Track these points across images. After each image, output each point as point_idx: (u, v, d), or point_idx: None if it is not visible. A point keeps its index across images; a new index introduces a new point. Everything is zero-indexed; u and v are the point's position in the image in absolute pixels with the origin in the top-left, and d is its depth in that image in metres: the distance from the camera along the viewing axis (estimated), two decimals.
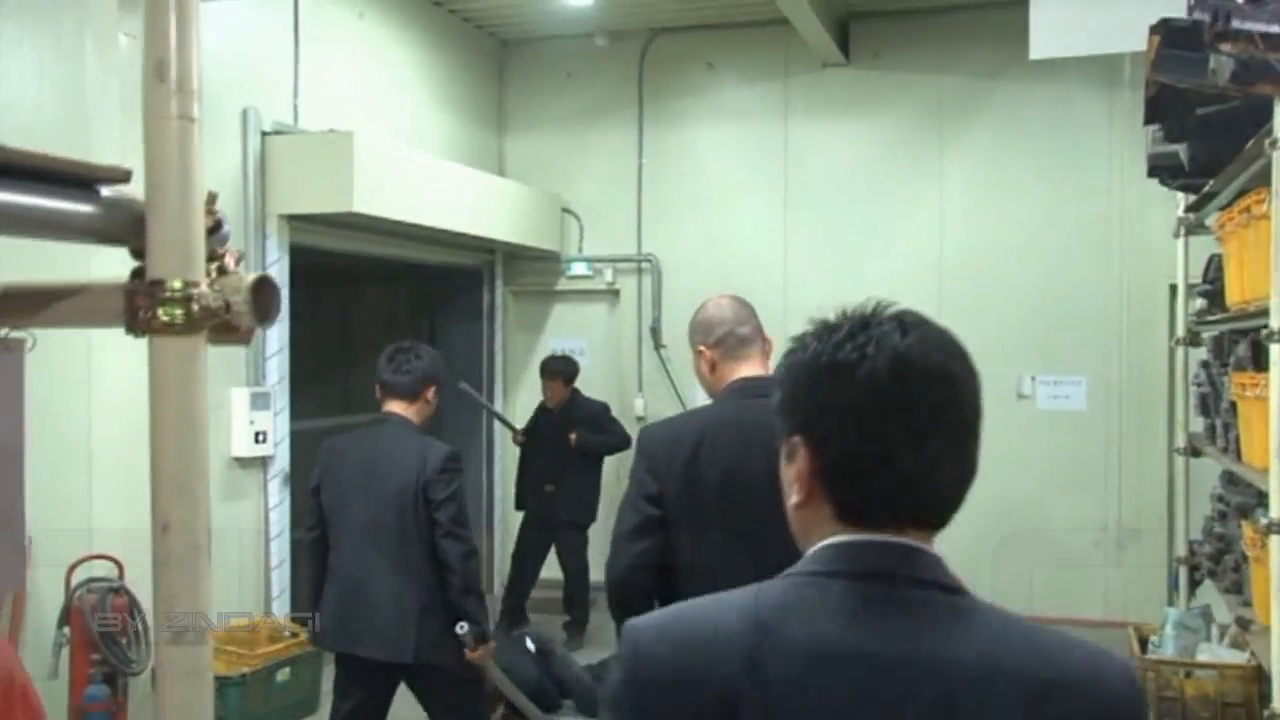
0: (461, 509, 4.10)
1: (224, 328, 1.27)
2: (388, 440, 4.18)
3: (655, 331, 8.60)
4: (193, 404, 1.24)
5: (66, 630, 4.99)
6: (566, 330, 8.94)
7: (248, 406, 5.93)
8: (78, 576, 5.03)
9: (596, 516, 7.51)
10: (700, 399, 4.90)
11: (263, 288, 1.29)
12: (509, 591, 7.62)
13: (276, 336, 6.17)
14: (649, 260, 8.66)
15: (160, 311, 1.23)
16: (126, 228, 1.33)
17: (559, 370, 7.65)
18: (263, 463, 6.16)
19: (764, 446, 2.54)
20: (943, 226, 8.03)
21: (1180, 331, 6.08)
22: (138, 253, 1.31)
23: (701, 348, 3.03)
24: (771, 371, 2.87)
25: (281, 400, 6.22)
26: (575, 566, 7.53)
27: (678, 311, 8.50)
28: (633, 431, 8.04)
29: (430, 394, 4.27)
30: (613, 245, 8.72)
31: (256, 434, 5.97)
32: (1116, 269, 7.61)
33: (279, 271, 6.16)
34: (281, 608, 6.26)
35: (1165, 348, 7.61)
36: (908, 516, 1.17)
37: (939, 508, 1.19)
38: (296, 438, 6.43)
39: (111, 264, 1.52)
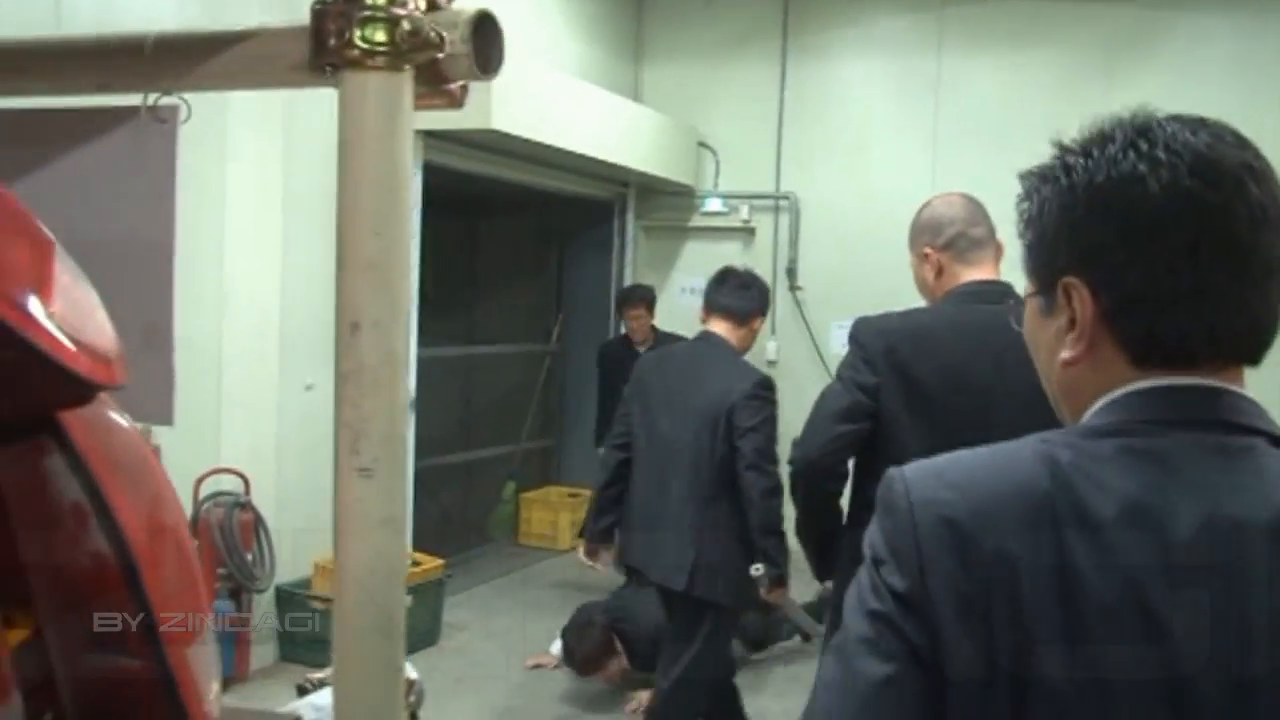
0: (769, 441, 3.71)
1: (433, 73, 0.98)
2: (703, 358, 3.96)
3: (791, 273, 8.27)
4: (394, 166, 0.97)
5: (195, 543, 4.94)
6: (698, 268, 8.61)
7: None
8: (205, 489, 4.97)
9: None
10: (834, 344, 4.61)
11: (485, 28, 1.00)
12: None
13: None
14: (787, 198, 8.32)
15: (358, 35, 0.94)
16: None
17: (642, 296, 6.91)
18: None
19: (992, 352, 2.23)
20: None
21: None
22: None
23: (927, 250, 2.74)
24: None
25: (410, 322, 6.05)
26: None
27: (815, 252, 8.19)
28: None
29: (756, 325, 4.08)
30: (749, 182, 8.39)
31: None
32: None
33: (414, 190, 5.98)
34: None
35: None
36: (1229, 350, 0.98)
37: (1264, 335, 1.00)
38: (423, 365, 6.29)
39: None
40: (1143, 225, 0.97)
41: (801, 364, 8.07)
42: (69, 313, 0.66)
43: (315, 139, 5.43)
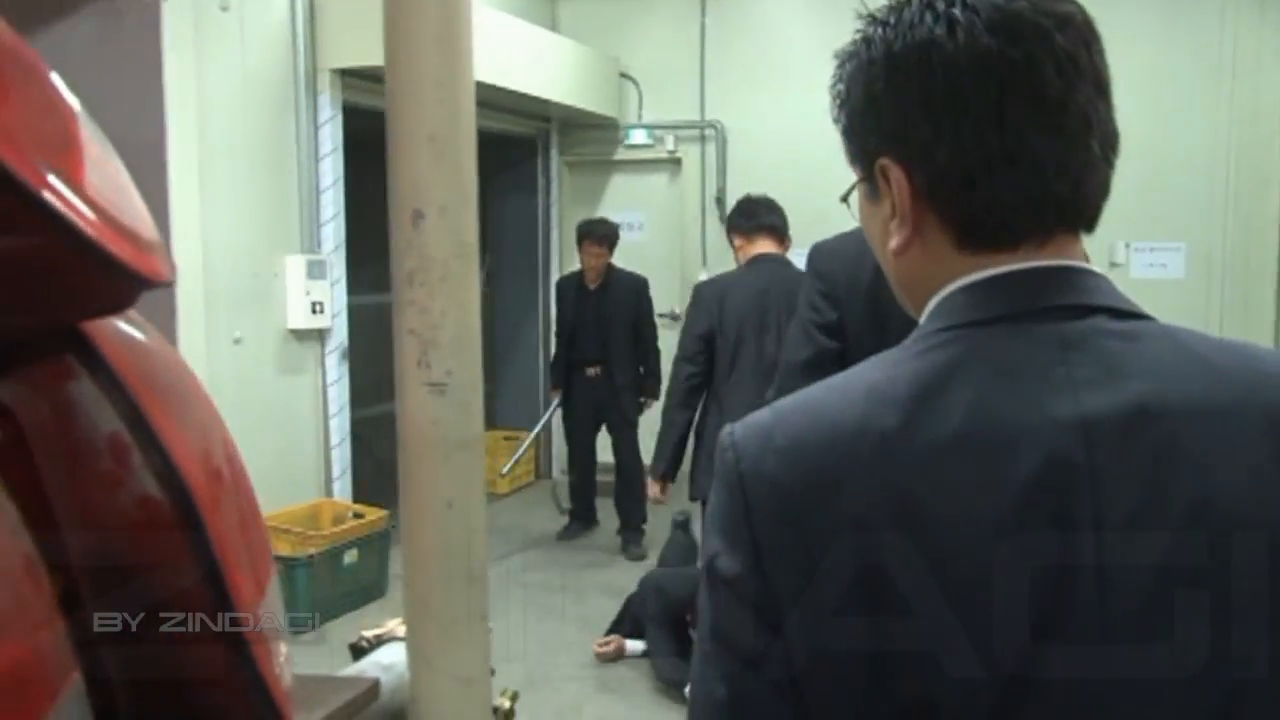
0: None
1: None
2: (783, 275, 4.08)
3: (720, 202, 8.15)
4: (454, 22, 0.83)
5: None
6: (625, 202, 8.50)
7: (304, 275, 5.58)
8: None
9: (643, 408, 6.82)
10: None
11: None
12: (575, 495, 6.97)
13: (332, 202, 5.80)
14: (713, 127, 8.19)
15: None
16: None
17: (604, 234, 6.70)
18: (320, 335, 5.83)
19: None
20: None
21: None
22: None
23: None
24: None
25: (338, 269, 5.85)
26: (630, 464, 6.74)
27: (744, 181, 8.04)
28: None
29: (788, 241, 4.33)
30: (674, 112, 8.25)
31: (313, 304, 5.63)
32: (1224, 127, 7.08)
33: (331, 133, 5.76)
34: (343, 488, 5.99)
35: (1275, 216, 7.16)
36: (1053, 219, 0.89)
37: (1091, 198, 0.90)
38: (354, 311, 6.09)
39: None
40: (943, 93, 0.87)
41: None
42: (105, 188, 0.52)
43: (231, 75, 5.17)
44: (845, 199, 2.13)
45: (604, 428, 6.81)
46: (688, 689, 0.98)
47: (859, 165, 0.97)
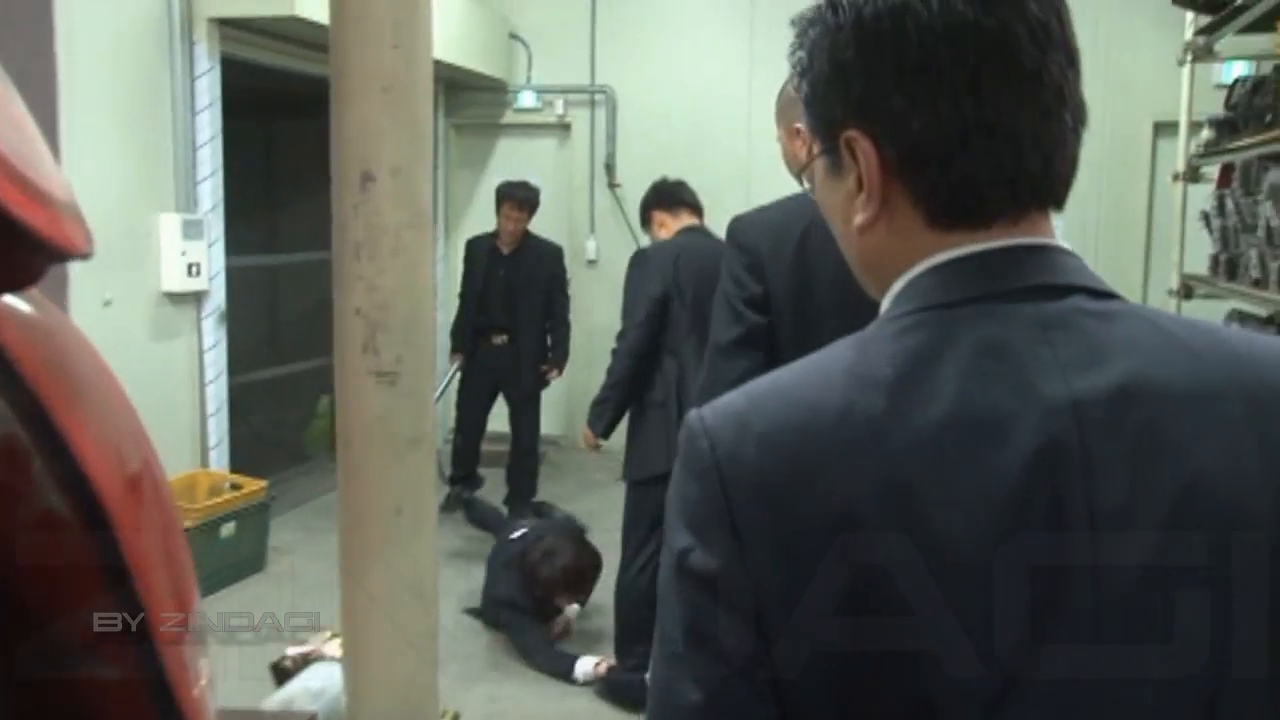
0: None
1: None
2: (717, 243, 4.08)
3: (609, 169, 8.09)
4: None
5: None
6: (513, 167, 8.31)
7: (179, 235, 5.33)
8: None
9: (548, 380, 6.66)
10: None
11: None
12: (458, 459, 6.64)
13: (209, 158, 5.54)
14: (603, 92, 8.09)
15: None
16: None
17: (524, 198, 6.43)
18: (196, 299, 5.59)
19: None
20: None
21: (1180, 167, 5.78)
22: None
23: (799, 125, 2.43)
24: None
25: (216, 229, 5.61)
26: (528, 437, 6.58)
27: (634, 148, 8.00)
28: (583, 279, 7.69)
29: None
30: (564, 75, 8.12)
31: (189, 266, 5.38)
32: (1098, 106, 7.21)
33: (209, 85, 5.49)
34: (220, 458, 5.78)
35: (1145, 189, 7.40)
36: (1027, 195, 0.86)
37: (1063, 174, 0.88)
38: (232, 274, 5.85)
39: None
40: (917, 61, 0.84)
41: (620, 264, 7.80)
42: (9, 136, 0.43)
43: (98, 20, 4.88)
44: (800, 174, 2.06)
45: (499, 398, 6.60)
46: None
47: (820, 137, 0.92)
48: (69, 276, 4.74)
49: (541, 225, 8.12)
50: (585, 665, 4.37)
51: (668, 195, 4.52)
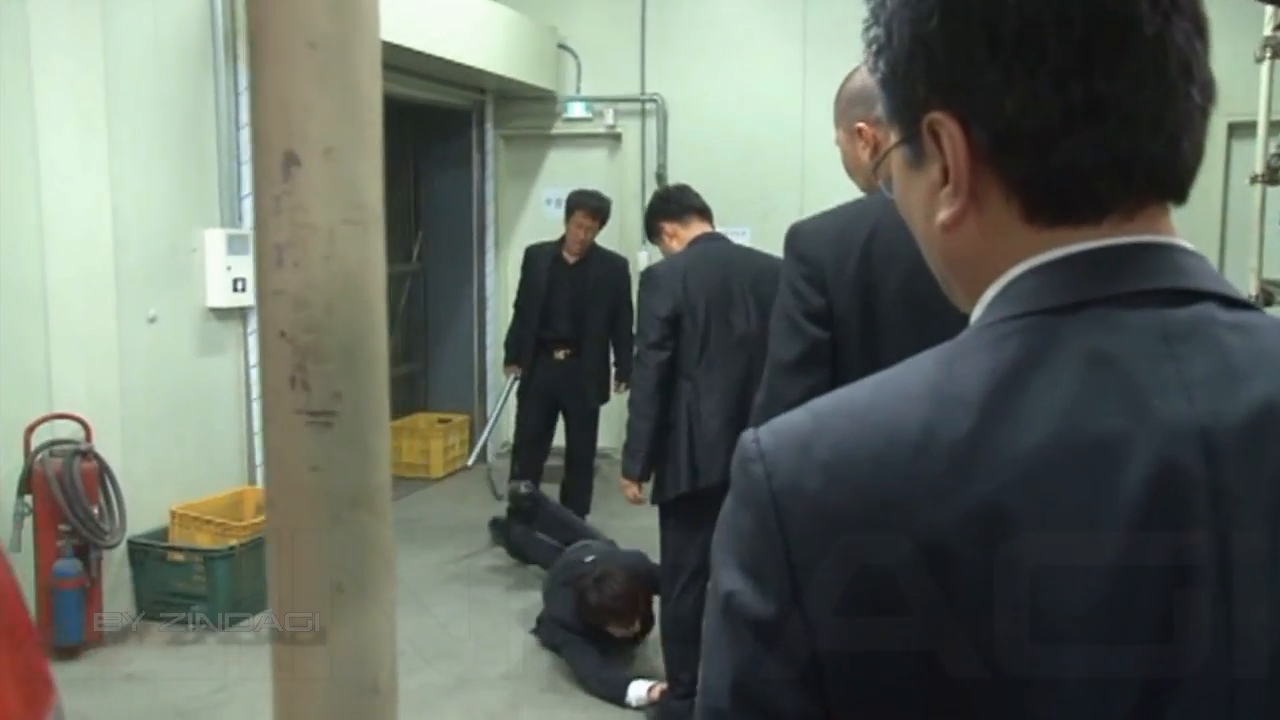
0: None
1: None
2: (730, 250, 4.08)
3: (660, 178, 7.93)
4: None
5: (28, 499, 4.43)
6: (563, 178, 8.23)
7: (224, 250, 5.27)
8: (37, 439, 4.45)
9: (610, 395, 6.34)
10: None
11: None
12: (518, 478, 6.15)
13: (251, 173, 5.46)
14: (654, 100, 7.96)
15: None
16: None
17: (597, 207, 6.08)
18: (242, 314, 5.52)
19: None
20: None
21: (1258, 169, 5.53)
22: None
23: (861, 125, 2.25)
24: None
25: None
26: (584, 453, 6.29)
27: (685, 157, 7.87)
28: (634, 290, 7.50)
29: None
30: (614, 85, 8.01)
31: (235, 281, 5.32)
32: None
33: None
34: (267, 476, 5.69)
35: (1219, 193, 7.14)
36: (1145, 185, 0.72)
37: (1188, 159, 0.74)
38: None
39: None
40: (1014, 31, 0.71)
41: None
42: None
43: (140, 35, 4.84)
44: (876, 168, 1.86)
45: (559, 414, 6.32)
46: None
47: (899, 123, 0.80)
48: (114, 294, 4.69)
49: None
50: (639, 690, 4.22)
51: (674, 203, 4.27)
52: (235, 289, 5.34)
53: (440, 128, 8.14)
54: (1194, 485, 0.64)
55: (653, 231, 4.36)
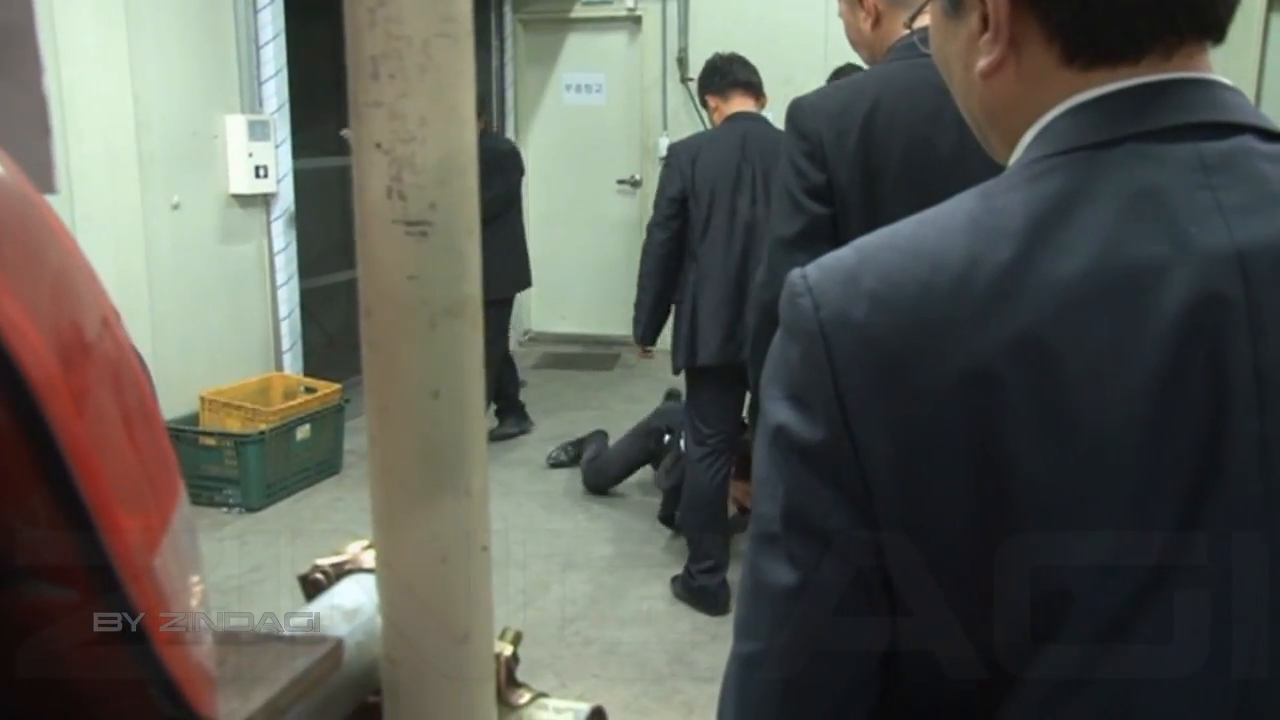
0: None
1: None
2: (753, 131, 3.96)
3: (682, 62, 7.81)
4: None
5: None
6: (583, 63, 8.13)
7: (245, 136, 5.24)
8: None
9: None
10: None
11: None
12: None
13: (273, 58, 5.42)
14: None
15: None
16: None
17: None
18: (265, 201, 5.52)
19: (957, 115, 1.91)
20: None
21: None
22: None
23: None
24: None
25: (282, 130, 5.51)
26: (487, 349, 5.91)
27: (708, 40, 7.72)
28: (656, 178, 7.39)
29: (764, 98, 4.14)
30: None
31: (257, 168, 5.30)
32: None
33: None
34: (293, 362, 5.76)
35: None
36: (1185, 22, 0.73)
37: None
38: (300, 177, 5.77)
39: None
40: None
41: None
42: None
43: None
44: (910, 23, 1.84)
45: None
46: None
47: None
48: (138, 181, 4.70)
49: (612, 122, 7.95)
50: None
51: (719, 75, 4.13)
52: (257, 175, 5.33)
53: None
54: (1232, 307, 0.66)
55: (702, 102, 4.34)
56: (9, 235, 0.41)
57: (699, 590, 4.01)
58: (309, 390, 5.45)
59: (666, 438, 4.90)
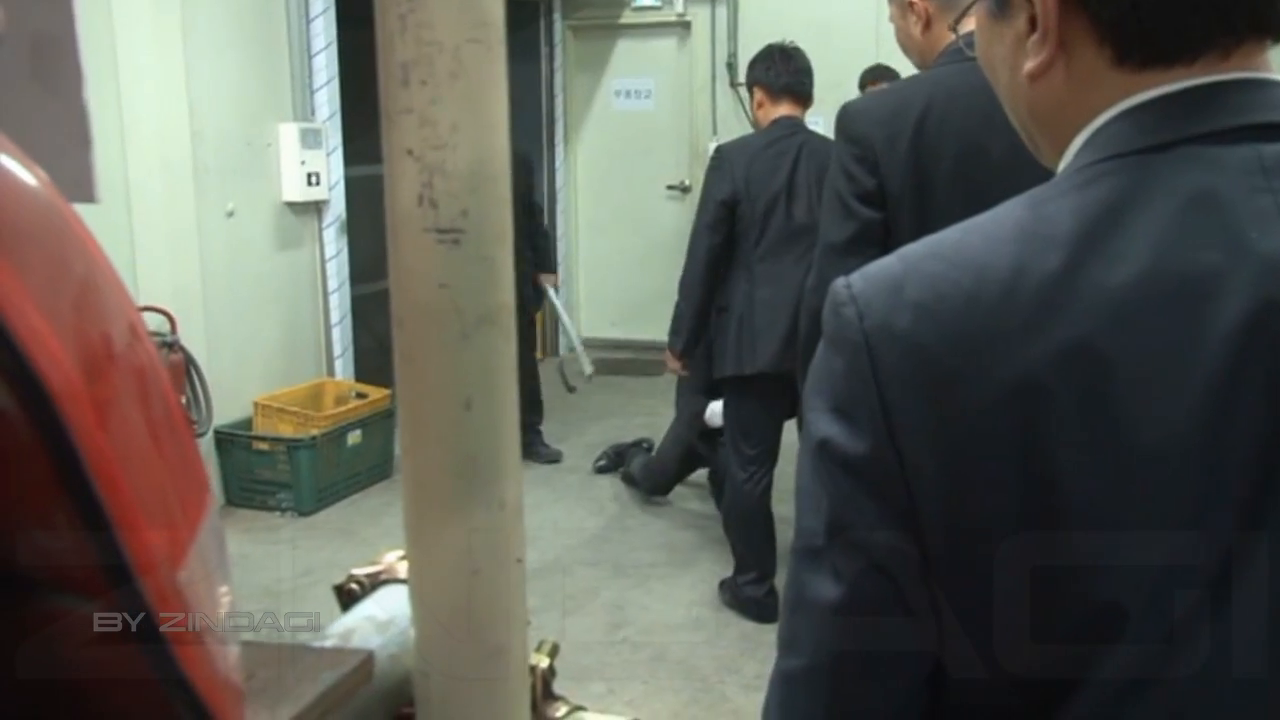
0: None
1: None
2: (802, 138, 3.88)
3: (731, 68, 7.79)
4: None
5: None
6: (632, 68, 8.14)
7: (298, 144, 5.30)
8: None
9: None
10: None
11: None
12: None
13: (325, 66, 5.47)
14: None
15: None
16: None
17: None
18: (317, 208, 5.58)
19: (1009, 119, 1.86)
20: None
21: None
22: None
23: None
24: None
25: (334, 138, 5.56)
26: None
27: (757, 44, 7.64)
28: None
29: (809, 104, 4.04)
30: None
31: (309, 175, 5.36)
32: None
33: None
34: (344, 368, 5.81)
35: None
36: (1243, 21, 0.70)
37: None
38: (350, 183, 5.82)
39: None
40: None
41: None
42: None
43: None
44: (955, 26, 1.82)
45: None
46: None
47: None
48: (193, 190, 4.76)
49: (660, 127, 7.94)
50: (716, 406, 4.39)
51: (775, 73, 3.99)
52: (310, 183, 5.38)
53: (507, 18, 8.02)
54: None
55: (748, 84, 4.23)
56: (35, 245, 0.40)
57: (746, 600, 3.98)
58: (360, 395, 5.50)
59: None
